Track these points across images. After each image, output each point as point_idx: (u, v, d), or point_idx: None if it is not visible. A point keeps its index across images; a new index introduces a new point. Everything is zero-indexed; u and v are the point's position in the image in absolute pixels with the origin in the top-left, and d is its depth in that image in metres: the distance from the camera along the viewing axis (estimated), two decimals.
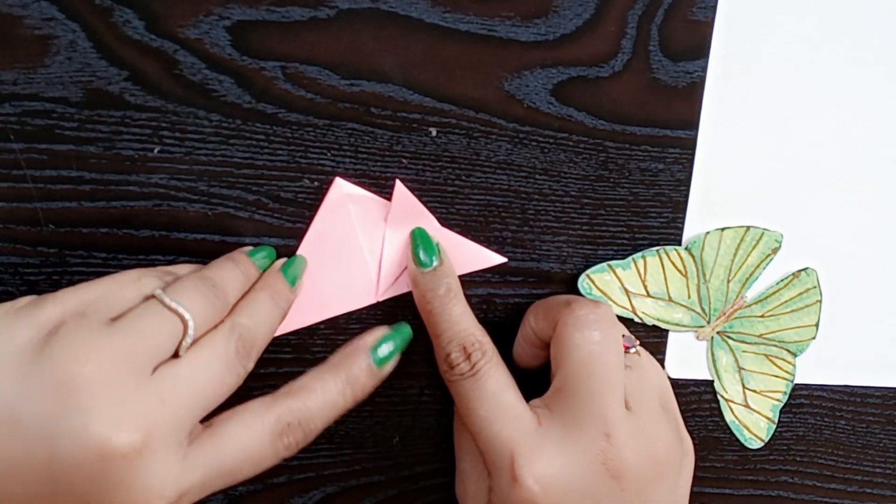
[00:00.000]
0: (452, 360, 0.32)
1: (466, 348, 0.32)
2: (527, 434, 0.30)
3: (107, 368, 0.26)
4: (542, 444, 0.30)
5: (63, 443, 0.25)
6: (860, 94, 0.37)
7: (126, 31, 0.31)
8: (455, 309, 0.33)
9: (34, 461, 0.25)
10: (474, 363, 0.32)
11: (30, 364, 0.25)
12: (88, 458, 0.25)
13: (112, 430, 0.25)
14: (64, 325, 0.26)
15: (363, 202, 0.34)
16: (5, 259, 0.32)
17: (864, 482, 0.42)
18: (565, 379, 0.31)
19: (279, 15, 0.32)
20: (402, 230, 0.34)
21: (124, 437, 0.25)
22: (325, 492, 0.37)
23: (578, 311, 0.31)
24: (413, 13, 0.33)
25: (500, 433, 0.30)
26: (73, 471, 0.25)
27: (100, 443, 0.25)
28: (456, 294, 0.33)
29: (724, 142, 0.36)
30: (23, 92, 0.31)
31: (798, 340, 0.39)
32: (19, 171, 0.31)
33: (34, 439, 0.25)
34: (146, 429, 0.26)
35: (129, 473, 0.26)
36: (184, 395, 0.27)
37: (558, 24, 0.34)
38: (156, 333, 0.27)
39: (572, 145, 0.35)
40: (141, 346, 0.27)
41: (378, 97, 0.33)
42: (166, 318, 0.28)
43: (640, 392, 0.32)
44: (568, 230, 0.36)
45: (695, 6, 0.34)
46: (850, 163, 0.38)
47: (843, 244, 0.39)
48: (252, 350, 0.30)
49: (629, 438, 0.30)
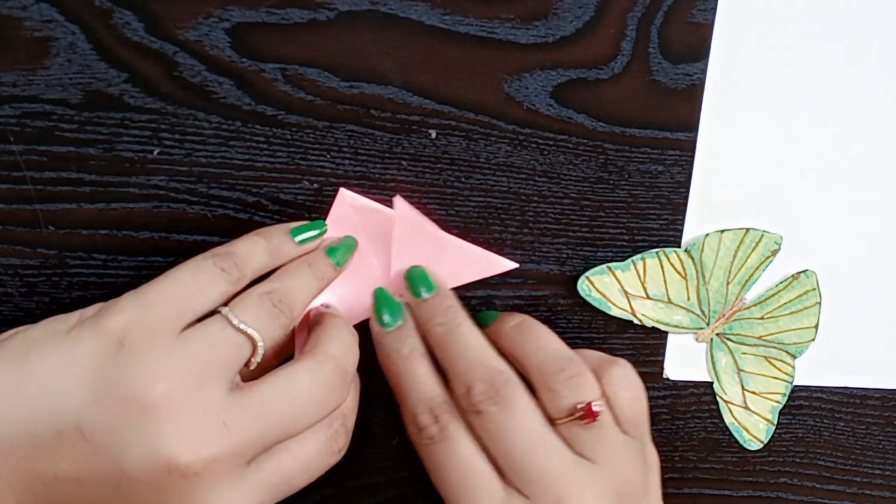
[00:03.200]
0: (420, 422, 0.32)
1: (433, 410, 0.32)
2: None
3: (178, 388, 0.26)
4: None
5: (131, 458, 0.25)
6: (860, 96, 0.37)
7: (126, 33, 0.31)
8: (420, 369, 0.33)
9: (100, 474, 0.26)
10: (443, 425, 0.32)
11: (98, 377, 0.26)
12: (155, 474, 0.25)
13: (179, 450, 0.25)
14: (133, 338, 0.26)
15: (368, 213, 0.34)
16: (5, 260, 0.32)
17: (863, 483, 0.42)
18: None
19: (279, 17, 0.32)
20: (410, 243, 0.34)
21: (191, 457, 0.25)
22: (325, 492, 0.37)
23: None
24: (413, 15, 0.33)
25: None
26: (138, 486, 0.26)
27: (166, 461, 0.25)
28: (422, 354, 0.33)
29: (724, 144, 0.36)
30: (22, 94, 0.31)
31: (797, 342, 0.39)
32: (19, 172, 0.31)
33: (102, 452, 0.25)
34: (210, 452, 0.26)
35: (193, 492, 0.26)
36: (250, 423, 0.27)
37: (558, 26, 0.34)
38: (225, 353, 0.27)
39: (572, 147, 0.35)
40: (211, 367, 0.27)
41: (378, 99, 0.33)
42: (235, 338, 0.28)
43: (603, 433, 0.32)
44: (567, 232, 0.36)
45: (694, 8, 0.34)
46: (850, 164, 0.38)
47: (842, 246, 0.39)
48: (345, 375, 0.30)
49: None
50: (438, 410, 0.32)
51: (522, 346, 0.33)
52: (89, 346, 0.26)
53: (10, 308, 0.29)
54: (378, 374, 0.36)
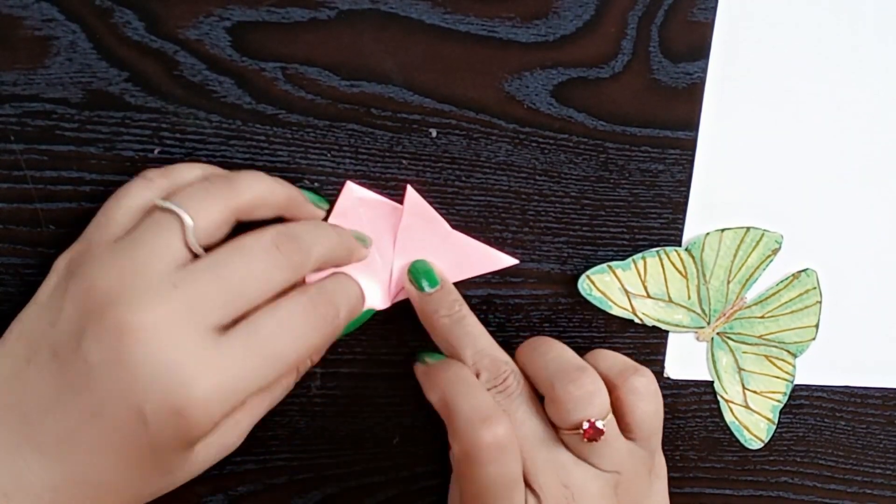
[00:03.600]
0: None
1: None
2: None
3: (125, 275, 0.26)
4: None
5: (89, 340, 0.26)
6: (860, 95, 0.37)
7: (126, 32, 0.31)
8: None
9: (72, 375, 0.26)
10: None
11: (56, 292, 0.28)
12: (109, 344, 0.26)
13: (129, 311, 0.26)
14: (77, 259, 0.28)
15: (374, 206, 0.34)
16: (5, 260, 0.32)
17: (864, 483, 0.42)
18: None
19: (279, 16, 0.32)
20: (414, 236, 0.34)
21: (140, 314, 0.26)
22: (325, 492, 0.37)
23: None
24: (413, 14, 0.33)
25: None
26: (98, 368, 0.26)
27: (116, 323, 0.26)
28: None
29: (725, 143, 0.36)
30: (23, 93, 0.31)
31: (798, 341, 0.39)
32: (19, 171, 0.31)
33: (69, 351, 0.26)
34: (159, 307, 0.26)
35: (155, 353, 0.26)
36: (198, 278, 0.27)
37: (558, 25, 0.34)
38: (157, 239, 0.27)
39: (572, 146, 0.35)
40: (151, 251, 0.27)
41: (378, 98, 0.33)
42: (163, 219, 0.28)
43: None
44: (568, 231, 0.36)
45: (695, 7, 0.34)
46: (851, 164, 0.38)
47: (843, 245, 0.39)
48: (304, 251, 0.29)
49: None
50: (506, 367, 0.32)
51: (534, 359, 0.33)
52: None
53: (10, 307, 0.29)
54: (378, 375, 0.36)
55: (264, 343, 0.28)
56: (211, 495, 0.36)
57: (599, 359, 0.33)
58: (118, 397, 0.26)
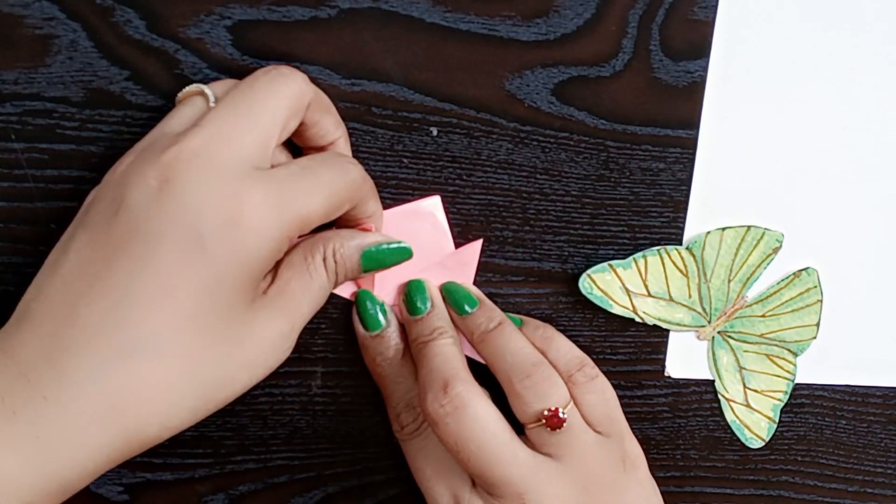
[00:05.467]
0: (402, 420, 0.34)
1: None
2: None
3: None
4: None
5: (132, 186, 0.27)
6: (861, 93, 0.37)
7: (127, 31, 0.31)
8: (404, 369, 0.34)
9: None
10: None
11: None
12: (155, 179, 0.26)
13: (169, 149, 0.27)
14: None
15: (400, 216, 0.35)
16: (6, 259, 0.32)
17: (865, 482, 0.42)
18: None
19: (280, 15, 0.32)
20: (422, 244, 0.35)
21: (176, 145, 0.27)
22: (325, 491, 0.37)
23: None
24: (414, 13, 0.33)
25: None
26: (143, 208, 0.26)
27: (158, 160, 0.27)
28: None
29: (725, 141, 0.36)
30: (24, 91, 0.31)
31: (799, 340, 0.39)
32: (20, 170, 0.31)
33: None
34: (191, 137, 0.27)
35: (196, 175, 0.26)
36: (218, 113, 0.28)
37: (559, 24, 0.34)
38: (185, 108, 0.29)
39: (573, 145, 0.35)
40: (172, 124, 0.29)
41: (379, 97, 0.33)
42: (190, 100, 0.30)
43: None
44: (569, 230, 0.36)
45: (696, 6, 0.34)
46: (851, 162, 0.38)
47: (843, 244, 0.39)
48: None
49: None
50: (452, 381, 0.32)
51: (492, 352, 0.34)
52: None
53: (11, 307, 0.29)
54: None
55: (305, 169, 0.29)
56: (211, 494, 0.36)
57: (552, 350, 0.34)
58: (172, 228, 0.26)
